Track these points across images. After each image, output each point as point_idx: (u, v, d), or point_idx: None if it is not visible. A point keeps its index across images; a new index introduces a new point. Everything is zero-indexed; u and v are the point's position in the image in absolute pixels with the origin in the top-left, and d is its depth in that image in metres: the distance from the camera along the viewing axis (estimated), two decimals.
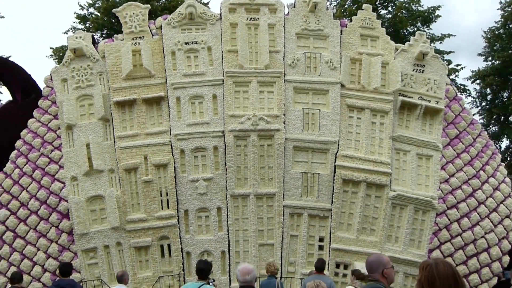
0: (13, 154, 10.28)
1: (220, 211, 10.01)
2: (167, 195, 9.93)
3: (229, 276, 9.83)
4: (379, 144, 10.33)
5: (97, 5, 21.24)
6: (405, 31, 22.07)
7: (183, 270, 9.79)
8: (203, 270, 5.37)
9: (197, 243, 9.89)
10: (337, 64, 10.57)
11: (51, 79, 10.70)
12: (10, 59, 14.51)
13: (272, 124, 10.05)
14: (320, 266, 7.87)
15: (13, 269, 9.55)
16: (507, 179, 10.83)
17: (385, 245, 9.98)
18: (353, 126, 10.44)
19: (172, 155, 9.98)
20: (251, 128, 9.97)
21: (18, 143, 10.36)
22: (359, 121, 10.45)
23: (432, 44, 21.81)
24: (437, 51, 22.30)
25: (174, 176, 9.89)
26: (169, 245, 9.89)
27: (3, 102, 17.46)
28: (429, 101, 10.62)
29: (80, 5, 21.44)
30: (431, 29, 22.69)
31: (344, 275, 9.90)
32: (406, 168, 10.35)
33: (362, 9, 11.15)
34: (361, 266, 9.62)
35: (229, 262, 9.89)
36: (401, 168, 10.37)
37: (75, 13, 21.28)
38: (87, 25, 21.93)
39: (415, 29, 23.25)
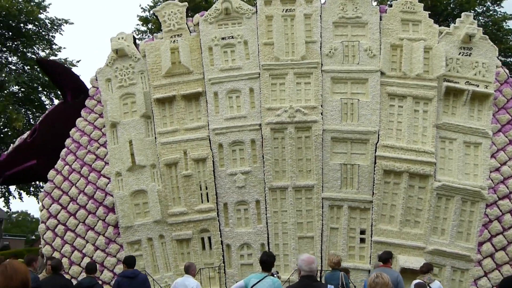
0: (63, 152, 11.43)
1: (258, 204, 10.54)
2: (206, 188, 10.61)
3: None
4: (423, 132, 10.41)
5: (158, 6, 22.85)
6: (473, 11, 21.49)
7: (223, 262, 10.42)
8: (266, 262, 5.81)
9: (237, 235, 10.49)
10: (376, 51, 10.76)
11: (96, 80, 11.76)
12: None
13: (309, 115, 10.44)
14: (385, 258, 8.09)
15: (65, 260, 10.67)
16: None
17: (431, 237, 10.05)
18: (395, 115, 10.60)
19: (211, 149, 10.65)
20: (288, 121, 10.42)
21: (68, 141, 11.50)
22: (401, 110, 10.59)
23: (506, 24, 21.23)
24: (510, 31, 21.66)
25: (212, 170, 10.55)
26: (209, 238, 10.58)
27: None
28: (477, 86, 10.55)
29: (142, 8, 23.71)
30: (502, 7, 21.99)
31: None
32: (453, 157, 10.35)
33: None
34: (404, 259, 9.87)
35: None
36: (447, 157, 10.38)
37: (137, 15, 23.10)
38: (149, 26, 23.68)
39: (484, 9, 22.65)
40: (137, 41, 12.37)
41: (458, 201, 10.04)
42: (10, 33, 24.51)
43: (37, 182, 21.60)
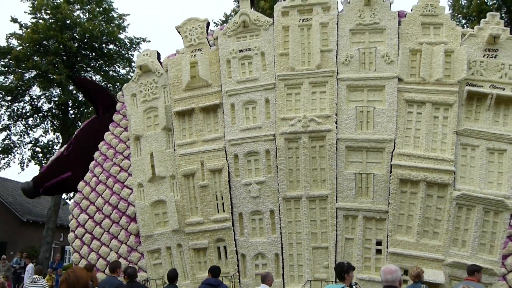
0: (92, 164, 13.73)
1: (273, 214, 12.01)
2: (222, 199, 12.29)
3: (283, 279, 11.70)
4: (442, 140, 11.36)
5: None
6: None
7: (238, 271, 11.94)
8: (336, 270, 7.18)
9: (251, 245, 12.01)
10: (394, 57, 11.92)
11: (122, 95, 13.98)
12: None
13: (323, 124, 11.79)
14: (471, 270, 9.06)
15: None
16: None
17: (450, 249, 10.91)
18: (413, 122, 11.65)
19: (226, 160, 12.32)
20: (301, 130, 11.84)
21: (96, 154, 13.79)
22: (419, 117, 11.62)
23: None
24: None
25: (228, 181, 12.20)
26: (225, 247, 12.21)
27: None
28: (503, 89, 11.33)
29: (214, 23, 27.60)
30: None
31: (405, 281, 11.00)
32: (475, 165, 11.18)
33: None
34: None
35: (283, 265, 11.77)
36: (469, 165, 11.23)
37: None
38: None
39: None
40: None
41: (479, 211, 10.84)
42: (94, 54, 30.22)
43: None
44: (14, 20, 28.55)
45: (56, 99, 30.52)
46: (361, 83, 12.01)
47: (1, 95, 29.64)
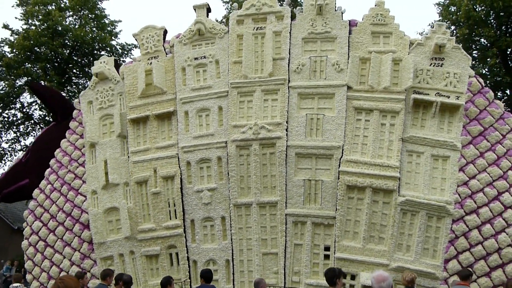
0: (47, 171, 14.21)
1: (224, 220, 12.57)
2: (174, 205, 12.82)
3: (233, 285, 12.25)
4: (388, 146, 12.00)
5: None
6: None
7: (190, 278, 12.47)
8: (326, 276, 7.51)
9: (203, 252, 12.55)
10: (344, 66, 12.58)
11: (79, 103, 14.52)
12: None
13: (274, 132, 12.38)
14: (465, 275, 9.50)
15: (44, 275, 13.26)
16: None
17: (395, 254, 11.52)
18: (361, 129, 12.28)
19: (179, 167, 12.88)
20: (252, 138, 12.42)
21: (52, 161, 14.29)
22: (367, 124, 12.26)
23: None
24: None
25: (180, 187, 12.76)
26: (177, 254, 12.73)
27: None
28: (448, 97, 12.02)
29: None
30: None
31: (352, 286, 11.63)
32: (420, 171, 11.83)
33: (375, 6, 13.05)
34: (366, 276, 11.41)
35: (233, 271, 12.31)
36: (414, 172, 11.87)
37: None
38: None
39: None
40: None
41: (423, 217, 11.47)
42: (85, 60, 31.07)
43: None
44: (5, 26, 29.17)
45: None
46: (312, 91, 12.63)
47: None
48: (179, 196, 12.76)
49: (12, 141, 31.89)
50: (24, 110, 31.44)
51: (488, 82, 25.91)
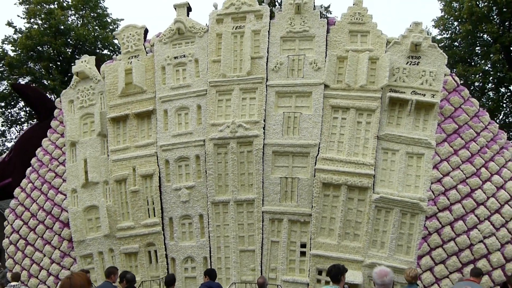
0: (28, 170, 14.56)
1: (202, 218, 12.92)
2: (153, 203, 13.17)
3: None
4: (364, 144, 12.35)
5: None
6: None
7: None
8: (330, 272, 7.45)
9: (181, 249, 12.89)
10: (321, 64, 12.91)
11: (60, 102, 14.89)
12: None
13: (251, 130, 12.73)
14: (478, 273, 9.34)
15: (24, 273, 13.60)
16: None
17: (369, 251, 11.86)
18: (337, 127, 12.63)
19: (158, 165, 13.24)
20: (230, 136, 12.77)
21: (33, 160, 14.65)
22: (344, 122, 12.60)
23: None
24: None
25: (159, 186, 13.11)
26: (155, 251, 13.07)
27: None
28: (424, 95, 12.37)
29: None
30: None
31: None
32: (394, 169, 12.17)
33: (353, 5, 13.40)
34: (349, 273, 11.71)
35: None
36: (389, 169, 12.22)
37: None
38: None
39: None
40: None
41: (397, 214, 11.82)
42: None
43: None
44: (9, 24, 29.73)
45: None
46: (289, 90, 12.98)
47: None
48: (158, 194, 13.11)
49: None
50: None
51: (491, 78, 26.36)
